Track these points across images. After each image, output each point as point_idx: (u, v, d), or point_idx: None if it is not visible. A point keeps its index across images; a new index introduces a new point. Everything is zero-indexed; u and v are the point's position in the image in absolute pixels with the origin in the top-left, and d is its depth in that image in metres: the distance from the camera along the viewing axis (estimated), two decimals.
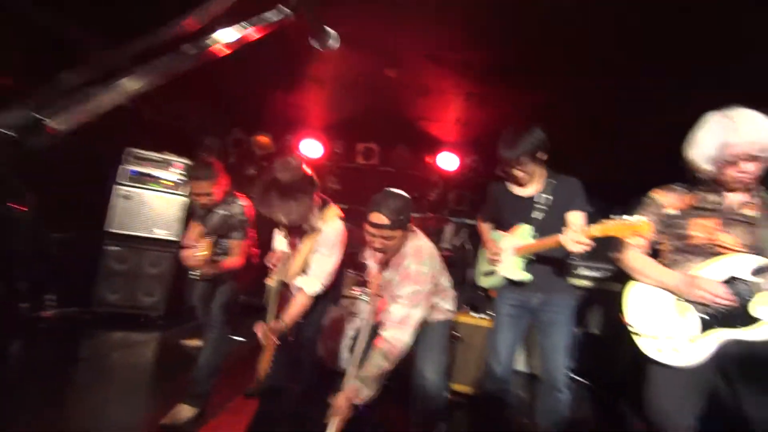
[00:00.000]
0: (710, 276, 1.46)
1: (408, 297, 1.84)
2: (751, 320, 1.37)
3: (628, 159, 3.97)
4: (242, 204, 2.53)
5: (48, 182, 3.38)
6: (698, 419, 1.47)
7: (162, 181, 4.11)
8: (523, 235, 2.05)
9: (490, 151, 5.03)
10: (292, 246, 2.17)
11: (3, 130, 0.33)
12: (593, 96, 3.26)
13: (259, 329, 2.03)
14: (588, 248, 1.65)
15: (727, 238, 1.47)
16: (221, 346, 2.39)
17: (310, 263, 2.11)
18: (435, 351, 2.09)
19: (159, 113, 4.33)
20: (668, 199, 1.64)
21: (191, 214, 2.85)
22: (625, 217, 1.51)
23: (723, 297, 1.39)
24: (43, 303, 3.50)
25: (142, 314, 3.95)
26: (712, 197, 1.54)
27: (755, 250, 1.44)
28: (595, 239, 1.62)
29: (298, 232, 2.17)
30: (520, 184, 2.10)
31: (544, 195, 2.05)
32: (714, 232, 1.49)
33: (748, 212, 1.48)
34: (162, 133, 4.45)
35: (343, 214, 2.20)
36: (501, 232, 2.22)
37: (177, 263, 4.00)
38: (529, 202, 2.07)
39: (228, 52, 0.66)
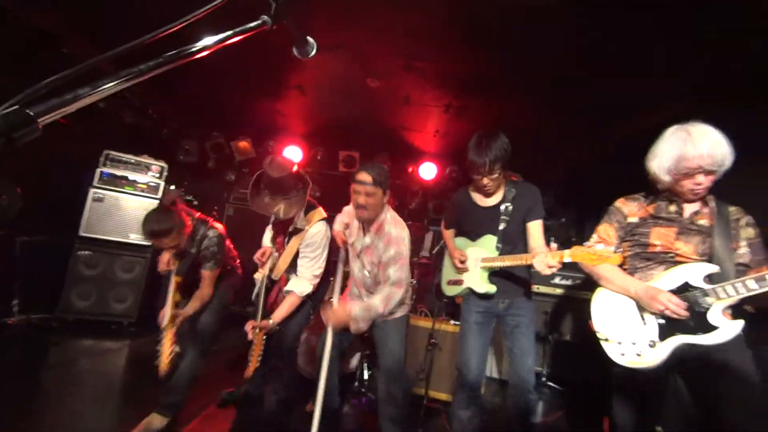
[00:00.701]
0: (668, 283, 1.55)
1: (394, 259, 2.03)
2: (707, 327, 1.46)
3: (600, 167, 4.14)
4: (214, 234, 2.37)
5: (18, 183, 3.29)
6: (658, 415, 1.55)
7: (138, 185, 4.04)
8: (488, 246, 2.10)
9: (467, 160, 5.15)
10: (279, 245, 2.24)
11: None
12: (570, 106, 3.42)
13: (249, 326, 2.05)
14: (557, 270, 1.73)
15: (682, 246, 1.58)
16: (202, 356, 2.33)
17: (298, 265, 2.18)
18: (399, 345, 2.19)
19: (138, 116, 4.27)
20: (630, 208, 1.74)
21: None
22: (597, 246, 1.60)
23: (677, 311, 1.48)
24: (8, 309, 3.36)
25: (114, 321, 3.83)
26: (670, 207, 1.65)
27: (708, 258, 1.54)
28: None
29: (284, 231, 2.22)
30: (487, 193, 2.12)
31: (506, 204, 2.09)
32: (672, 240, 1.59)
33: (702, 222, 1.59)
34: (141, 137, 4.38)
35: (326, 216, 2.26)
36: (465, 240, 2.26)
37: (151, 269, 3.92)
38: (494, 212, 2.11)
39: (207, 53, 0.69)
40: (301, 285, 2.17)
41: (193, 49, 0.61)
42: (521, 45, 2.75)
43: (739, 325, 1.42)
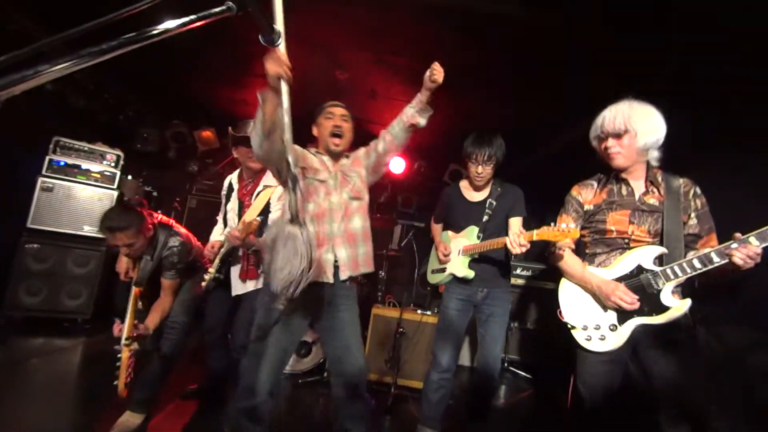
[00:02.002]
0: (622, 269, 1.63)
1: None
2: (661, 308, 1.55)
3: (564, 161, 4.34)
4: (176, 242, 2.25)
5: None
6: (618, 391, 1.67)
7: (92, 174, 3.83)
8: (471, 236, 2.26)
9: (435, 156, 5.26)
10: (246, 207, 2.32)
11: None
12: (534, 103, 3.56)
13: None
14: (526, 250, 1.81)
15: (635, 229, 1.63)
16: (175, 349, 2.25)
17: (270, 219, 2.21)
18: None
19: (92, 100, 4.02)
20: (585, 195, 1.80)
21: None
22: (560, 224, 1.67)
23: (630, 306, 1.56)
24: None
25: (66, 318, 3.62)
26: (622, 190, 1.70)
27: (661, 237, 1.60)
28: (532, 242, 1.79)
29: (251, 190, 2.32)
30: (477, 186, 2.29)
31: (491, 200, 2.26)
32: (626, 224, 1.65)
33: (652, 201, 1.64)
34: (94, 123, 4.14)
35: None
36: (450, 233, 2.41)
37: (107, 262, 3.73)
38: (480, 207, 2.28)
39: (167, 36, 0.68)
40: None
41: (155, 32, 0.61)
42: (486, 42, 2.84)
43: (687, 303, 1.50)
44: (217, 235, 2.49)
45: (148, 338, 2.12)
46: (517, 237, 1.79)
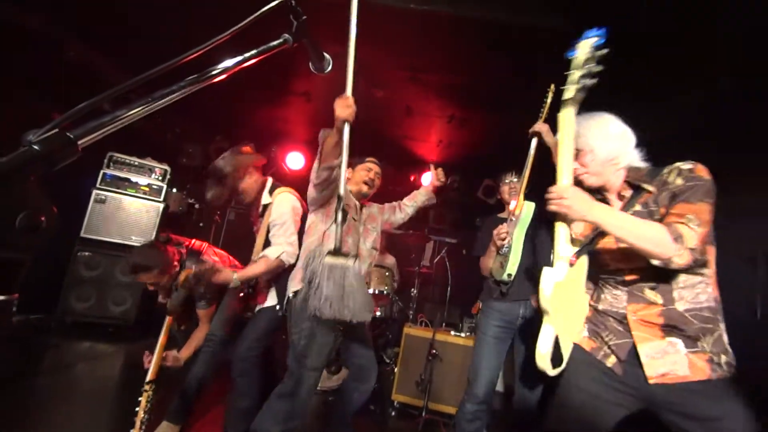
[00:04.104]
0: None
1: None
2: None
3: None
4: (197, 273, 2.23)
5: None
6: None
7: (141, 187, 4.05)
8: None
9: (469, 171, 5.19)
10: (256, 231, 2.30)
11: (37, 149, 0.37)
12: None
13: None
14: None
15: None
16: (214, 362, 2.27)
17: (270, 238, 2.19)
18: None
19: (143, 119, 4.29)
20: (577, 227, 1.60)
21: None
22: None
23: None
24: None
25: (112, 324, 3.81)
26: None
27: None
28: None
29: (257, 216, 2.30)
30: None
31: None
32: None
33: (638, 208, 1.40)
34: (145, 139, 4.40)
35: (297, 195, 2.29)
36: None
37: None
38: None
39: (231, 73, 0.70)
40: (275, 249, 2.09)
41: (218, 70, 0.63)
42: (522, 57, 2.79)
43: None
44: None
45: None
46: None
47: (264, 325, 2.20)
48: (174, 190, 4.49)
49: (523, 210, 2.21)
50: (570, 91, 1.33)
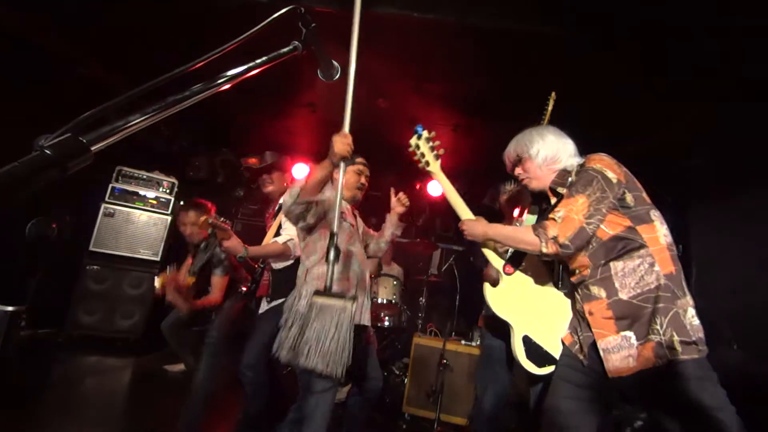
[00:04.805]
0: None
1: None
2: None
3: None
4: None
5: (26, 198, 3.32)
6: None
7: (149, 200, 4.08)
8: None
9: (475, 179, 5.18)
10: (268, 224, 2.42)
11: (49, 153, 0.36)
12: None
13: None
14: None
15: None
16: (215, 372, 2.29)
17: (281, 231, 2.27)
18: None
19: (150, 133, 4.34)
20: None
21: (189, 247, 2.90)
22: None
23: None
24: None
25: (120, 338, 3.80)
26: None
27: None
28: None
29: (272, 214, 2.40)
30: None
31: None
32: None
33: None
34: (152, 153, 4.44)
35: None
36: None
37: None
38: None
39: (242, 79, 0.70)
40: (284, 236, 2.19)
41: (226, 78, 0.62)
42: (528, 65, 2.79)
43: None
44: None
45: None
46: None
47: (269, 329, 2.14)
48: (181, 202, 4.51)
49: (527, 217, 2.18)
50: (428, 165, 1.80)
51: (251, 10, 2.39)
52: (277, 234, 2.30)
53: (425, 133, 1.82)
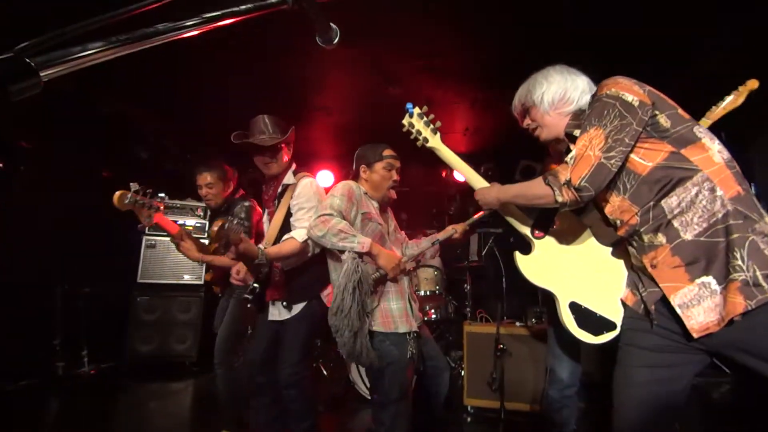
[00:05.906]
0: None
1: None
2: None
3: None
4: (246, 204, 2.48)
5: (71, 240, 3.49)
6: None
7: (187, 227, 4.19)
8: None
9: (502, 155, 4.97)
10: (271, 214, 2.14)
11: None
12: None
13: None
14: None
15: None
16: (229, 369, 2.38)
17: (292, 223, 2.02)
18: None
19: (178, 162, 4.48)
20: None
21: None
22: None
23: None
24: (80, 360, 3.52)
25: (176, 362, 3.91)
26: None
27: None
28: None
29: (272, 197, 2.15)
30: None
31: None
32: None
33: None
34: (181, 181, 4.58)
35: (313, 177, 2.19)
36: None
37: (206, 306, 4.00)
38: None
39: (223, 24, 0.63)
40: (302, 232, 1.93)
41: (200, 20, 0.54)
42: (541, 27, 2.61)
43: None
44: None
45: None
46: None
47: (302, 337, 2.01)
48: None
49: None
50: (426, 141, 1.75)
51: None
52: (285, 225, 2.06)
53: (416, 110, 1.73)
